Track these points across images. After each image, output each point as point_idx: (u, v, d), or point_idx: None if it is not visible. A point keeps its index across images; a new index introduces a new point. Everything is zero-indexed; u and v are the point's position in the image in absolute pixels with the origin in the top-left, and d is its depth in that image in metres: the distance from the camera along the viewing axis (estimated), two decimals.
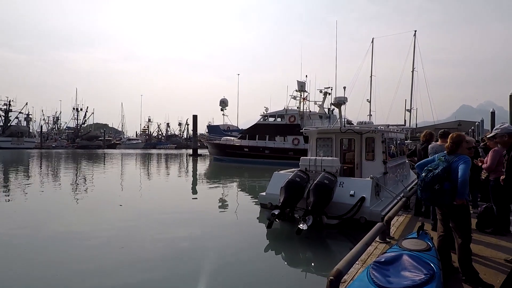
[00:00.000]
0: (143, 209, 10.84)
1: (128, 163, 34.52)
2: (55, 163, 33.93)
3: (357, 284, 2.79)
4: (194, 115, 45.90)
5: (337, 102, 9.89)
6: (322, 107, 33.26)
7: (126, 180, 20.26)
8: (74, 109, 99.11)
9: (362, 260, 4.32)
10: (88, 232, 7.88)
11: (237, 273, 5.55)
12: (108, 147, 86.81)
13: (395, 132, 11.55)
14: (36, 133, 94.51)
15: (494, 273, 3.85)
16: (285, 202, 7.70)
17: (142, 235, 7.69)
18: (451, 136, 3.84)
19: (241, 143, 32.94)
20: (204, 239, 7.45)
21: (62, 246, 6.87)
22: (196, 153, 44.41)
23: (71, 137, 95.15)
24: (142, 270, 5.56)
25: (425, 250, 3.45)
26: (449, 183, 3.57)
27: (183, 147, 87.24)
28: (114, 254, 6.37)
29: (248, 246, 7.01)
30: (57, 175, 22.21)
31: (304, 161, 9.03)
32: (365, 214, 7.52)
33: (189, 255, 6.40)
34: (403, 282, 2.73)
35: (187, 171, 27.08)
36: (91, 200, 12.67)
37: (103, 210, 10.57)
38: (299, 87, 32.91)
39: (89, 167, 28.87)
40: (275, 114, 32.28)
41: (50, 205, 11.70)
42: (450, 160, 3.68)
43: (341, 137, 10.30)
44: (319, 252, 6.73)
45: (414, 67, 45.58)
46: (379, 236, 5.10)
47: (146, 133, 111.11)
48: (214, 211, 10.71)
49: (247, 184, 18.33)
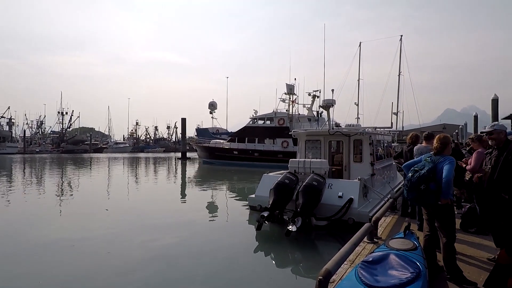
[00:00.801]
0: (131, 213, 10.67)
1: (115, 167, 33.94)
2: (39, 168, 33.07)
3: (345, 283, 2.82)
4: (183, 118, 45.63)
5: (325, 105, 10.00)
6: (311, 110, 33.57)
7: (113, 184, 19.92)
8: (59, 113, 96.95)
9: (350, 260, 4.37)
10: (73, 237, 7.69)
11: (227, 274, 5.53)
12: (95, 151, 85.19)
13: (382, 135, 11.74)
14: (19, 138, 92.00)
15: (477, 271, 3.95)
16: (274, 204, 7.72)
17: (130, 239, 7.56)
18: (438, 137, 3.92)
19: (230, 146, 32.88)
20: (193, 242, 7.39)
21: (46, 251, 6.71)
22: (185, 157, 44.07)
23: (56, 142, 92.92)
24: (129, 275, 5.47)
25: (411, 250, 3.51)
26: (434, 184, 3.65)
27: (172, 151, 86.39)
28: (100, 259, 6.24)
29: (238, 248, 6.99)
30: (41, 180, 21.66)
31: (293, 163, 9.09)
32: (353, 215, 7.60)
33: (178, 258, 6.33)
34: (390, 281, 2.78)
35: (176, 175, 26.82)
36: (77, 205, 12.38)
37: (88, 215, 10.34)
38: (288, 90, 33.14)
39: (75, 171, 28.26)
40: (264, 117, 32.42)
41: (34, 211, 11.39)
42: (436, 160, 3.76)
43: (329, 139, 10.41)
44: (308, 253, 6.76)
45: (400, 71, 46.52)
46: (367, 237, 5.16)
47: (134, 136, 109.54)
48: (204, 214, 10.64)
49: (237, 186, 18.29)
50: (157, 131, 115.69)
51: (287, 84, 33.46)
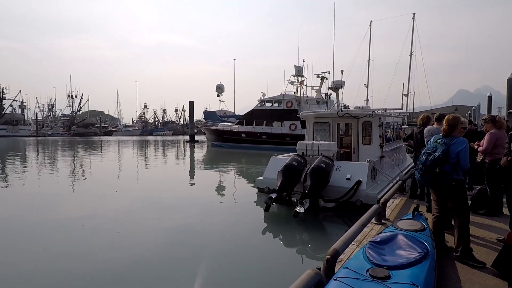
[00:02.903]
0: (140, 195, 10.89)
1: (125, 150, 34.46)
2: (52, 150, 33.80)
3: (353, 262, 2.85)
4: (191, 101, 45.62)
5: (334, 86, 9.85)
6: (319, 92, 33.11)
7: (123, 166, 20.27)
8: (69, 96, 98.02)
9: (358, 241, 4.41)
10: (84, 217, 7.90)
11: (235, 255, 5.64)
12: (105, 134, 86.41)
13: (392, 117, 11.56)
14: (31, 121, 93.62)
15: (486, 252, 3.95)
16: (282, 186, 7.77)
17: (139, 220, 7.74)
18: (446, 118, 3.84)
19: (238, 129, 32.88)
20: (201, 222, 7.53)
21: (57, 231, 6.90)
22: (193, 140, 44.35)
23: (67, 125, 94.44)
24: (138, 254, 5.61)
25: (419, 230, 3.52)
26: (449, 166, 3.62)
27: (180, 134, 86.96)
28: (110, 238, 6.40)
29: (246, 229, 7.10)
30: (54, 162, 22.16)
31: (301, 145, 9.06)
32: (361, 197, 7.61)
33: (186, 238, 6.47)
34: (398, 260, 2.80)
35: (184, 157, 27.10)
36: (88, 186, 12.70)
37: (101, 196, 10.61)
38: (296, 72, 32.64)
39: (86, 154, 28.79)
40: (272, 99, 32.13)
41: (47, 191, 11.71)
42: (448, 142, 3.69)
43: (338, 121, 10.30)
44: (315, 235, 6.84)
45: (412, 51, 45.23)
46: (375, 218, 5.18)
47: (143, 119, 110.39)
48: (212, 196, 10.79)
49: (245, 169, 18.41)
50: (165, 114, 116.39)
51: (296, 65, 32.93)
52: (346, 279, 2.51)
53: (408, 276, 2.56)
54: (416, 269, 2.68)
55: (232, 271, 5.02)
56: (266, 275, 4.87)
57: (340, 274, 2.61)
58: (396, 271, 2.63)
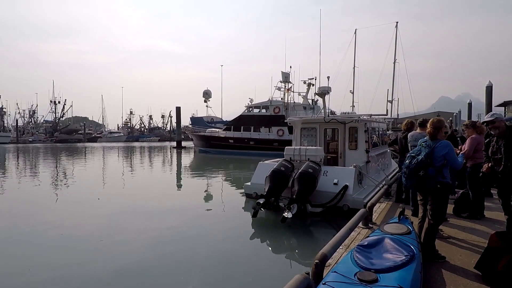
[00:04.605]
0: (125, 202, 10.66)
1: (110, 157, 33.76)
2: (33, 157, 32.77)
3: (341, 266, 2.86)
4: (178, 107, 45.23)
5: (321, 92, 9.97)
6: (306, 98, 33.47)
7: (108, 173, 19.85)
8: (52, 102, 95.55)
9: (345, 245, 4.43)
10: (65, 225, 7.67)
11: (223, 261, 5.58)
12: (89, 141, 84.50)
13: (377, 122, 11.79)
14: (11, 127, 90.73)
15: (469, 254, 4.04)
16: (270, 191, 7.77)
17: (123, 227, 7.56)
18: (431, 121, 3.91)
19: (226, 134, 32.83)
20: (189, 229, 7.43)
21: (37, 239, 6.68)
22: (180, 145, 43.91)
23: (49, 131, 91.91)
24: (121, 263, 5.47)
25: (405, 234, 3.56)
26: (433, 169, 3.64)
27: (167, 140, 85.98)
28: (92, 247, 6.22)
29: (234, 235, 7.05)
30: (35, 169, 21.49)
31: (288, 151, 9.11)
32: (348, 202, 7.69)
33: (172, 245, 6.36)
34: (385, 263, 2.83)
35: (171, 164, 26.78)
36: (70, 194, 12.35)
37: (82, 204, 10.28)
38: (284, 78, 32.94)
39: (69, 161, 28.06)
40: (260, 105, 32.30)
41: (27, 199, 11.33)
42: (431, 145, 3.76)
43: (325, 127, 10.42)
44: (303, 239, 6.85)
45: (395, 59, 46.38)
46: (362, 222, 5.23)
47: (128, 126, 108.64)
48: (200, 202, 10.68)
49: (233, 175, 18.34)
50: (151, 120, 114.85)
51: (283, 72, 33.25)
52: (334, 283, 2.52)
53: (395, 279, 2.59)
54: (403, 272, 2.71)
55: (220, 278, 4.96)
56: (255, 281, 4.83)
57: (328, 278, 2.62)
58: (383, 274, 2.66)
